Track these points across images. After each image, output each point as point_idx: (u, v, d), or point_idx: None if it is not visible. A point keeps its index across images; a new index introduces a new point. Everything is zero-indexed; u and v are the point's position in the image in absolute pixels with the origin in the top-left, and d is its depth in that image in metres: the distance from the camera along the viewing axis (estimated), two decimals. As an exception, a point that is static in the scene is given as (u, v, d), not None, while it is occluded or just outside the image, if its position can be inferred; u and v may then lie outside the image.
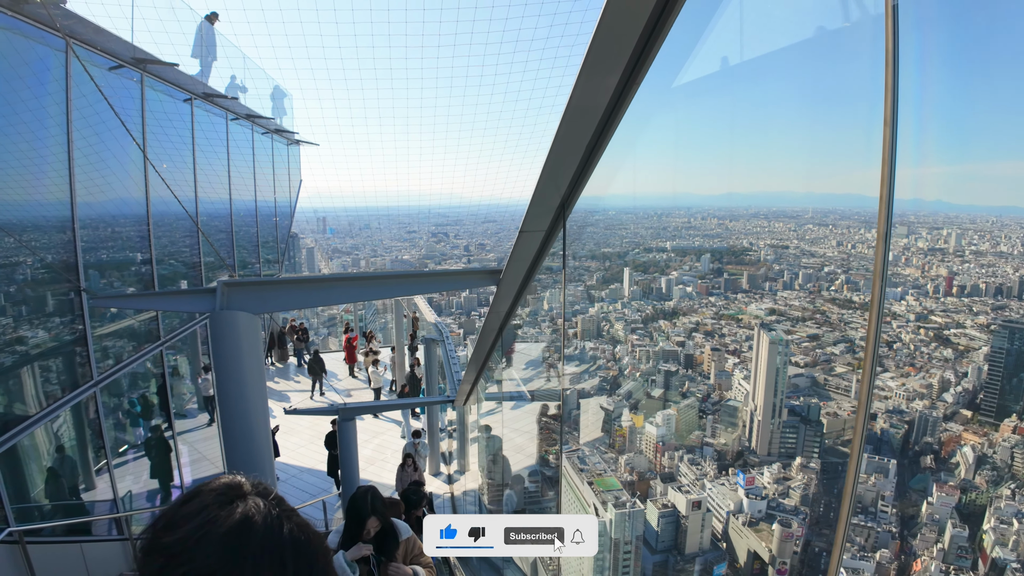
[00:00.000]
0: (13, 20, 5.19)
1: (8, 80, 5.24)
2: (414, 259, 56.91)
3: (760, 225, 11.27)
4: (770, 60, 3.63)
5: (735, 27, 3.20)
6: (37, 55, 5.67)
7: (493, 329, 5.37)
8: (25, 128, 5.60)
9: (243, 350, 4.48)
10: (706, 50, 2.96)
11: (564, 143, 2.70)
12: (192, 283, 9.54)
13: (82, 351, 6.40)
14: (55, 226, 6.19)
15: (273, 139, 14.83)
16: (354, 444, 7.58)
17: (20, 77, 5.40)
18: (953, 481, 4.76)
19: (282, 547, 0.80)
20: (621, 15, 2.04)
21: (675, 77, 2.92)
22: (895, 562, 4.92)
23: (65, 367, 6.35)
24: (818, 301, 8.20)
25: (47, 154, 5.98)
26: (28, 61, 5.52)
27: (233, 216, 11.84)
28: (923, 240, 5.66)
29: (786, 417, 7.59)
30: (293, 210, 17.26)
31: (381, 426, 13.15)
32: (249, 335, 4.60)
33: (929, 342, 5.70)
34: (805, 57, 6.87)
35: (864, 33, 3.29)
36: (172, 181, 8.25)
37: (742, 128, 14.47)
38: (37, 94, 5.66)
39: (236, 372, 4.52)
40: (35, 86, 5.66)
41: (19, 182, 5.71)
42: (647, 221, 15.79)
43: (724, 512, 7.08)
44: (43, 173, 6.02)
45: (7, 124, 5.33)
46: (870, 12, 2.25)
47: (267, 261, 14.83)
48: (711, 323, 12.24)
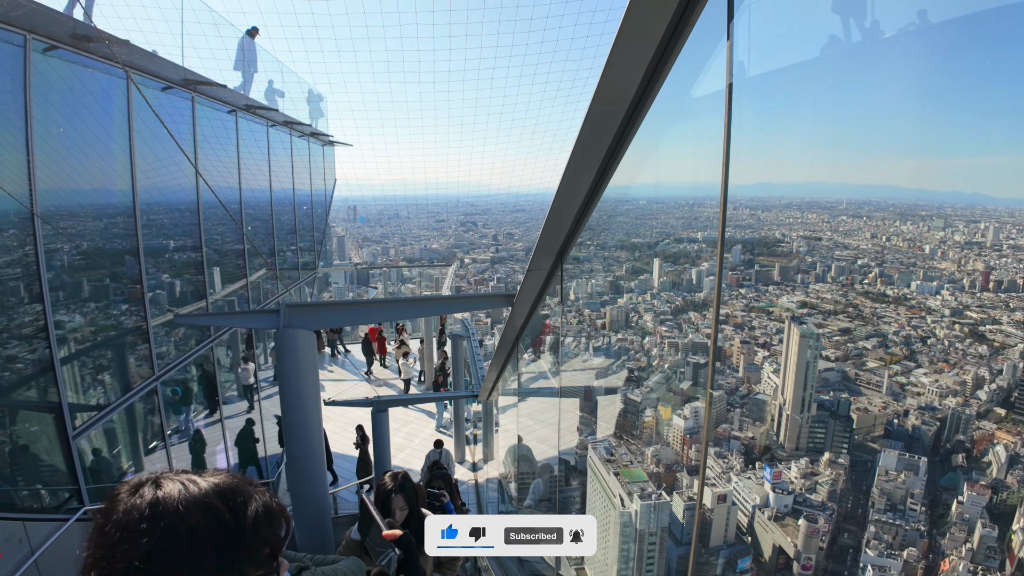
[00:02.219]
0: (80, 56, 5.94)
1: (75, 108, 6.02)
2: (442, 248, 57.39)
3: (793, 216, 11.03)
4: (806, 46, 3.58)
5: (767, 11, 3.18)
6: (101, 85, 6.52)
7: (509, 341, 6.20)
8: (94, 151, 6.47)
9: (301, 359, 5.46)
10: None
11: (593, 128, 2.72)
12: (236, 270, 10.68)
13: (145, 348, 7.38)
14: (123, 235, 7.13)
15: (309, 142, 15.47)
16: (386, 435, 7.88)
17: (86, 106, 6.24)
18: (984, 480, 4.68)
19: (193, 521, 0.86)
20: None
21: (707, 61, 2.90)
22: (922, 561, 4.88)
23: (133, 362, 7.30)
24: (851, 294, 8.03)
25: (113, 174, 6.84)
26: (93, 91, 6.41)
27: (273, 214, 12.62)
28: (960, 233, 5.50)
29: (815, 412, 7.50)
30: (328, 207, 18.00)
31: (410, 415, 13.50)
32: (307, 347, 5.53)
33: (964, 338, 5.57)
34: (842, 43, 6.68)
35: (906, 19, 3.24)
36: (219, 186, 9.46)
37: (778, 116, 14.11)
38: (102, 120, 6.51)
39: (295, 376, 5.51)
40: (100, 113, 6.53)
41: (93, 199, 6.72)
42: (678, 211, 15.59)
43: (750, 506, 7.07)
44: (111, 189, 6.91)
45: (78, 148, 6.13)
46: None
47: (303, 249, 15.51)
48: (741, 315, 12.09)
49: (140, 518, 0.84)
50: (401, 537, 1.51)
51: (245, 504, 0.91)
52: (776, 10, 3.63)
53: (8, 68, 4.91)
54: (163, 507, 0.85)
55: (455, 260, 52.32)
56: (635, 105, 2.59)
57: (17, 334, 5.36)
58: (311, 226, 16.25)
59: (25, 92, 5.06)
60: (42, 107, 5.31)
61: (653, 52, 2.20)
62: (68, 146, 5.94)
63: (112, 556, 0.82)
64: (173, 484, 0.89)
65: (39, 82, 5.25)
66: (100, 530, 0.85)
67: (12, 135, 5.05)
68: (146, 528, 0.83)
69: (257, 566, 0.91)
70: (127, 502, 0.87)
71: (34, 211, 5.26)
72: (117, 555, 0.82)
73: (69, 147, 5.96)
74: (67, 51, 5.67)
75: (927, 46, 4.13)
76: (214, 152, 9.43)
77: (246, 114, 10.64)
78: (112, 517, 0.85)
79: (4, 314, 5.24)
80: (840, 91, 5.61)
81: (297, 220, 14.71)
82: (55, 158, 5.74)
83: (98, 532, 0.86)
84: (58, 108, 5.69)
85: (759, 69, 3.44)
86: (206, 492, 0.89)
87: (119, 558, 0.82)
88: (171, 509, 0.85)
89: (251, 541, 0.90)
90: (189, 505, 0.86)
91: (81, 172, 6.30)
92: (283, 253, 13.80)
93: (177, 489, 0.88)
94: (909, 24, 3.71)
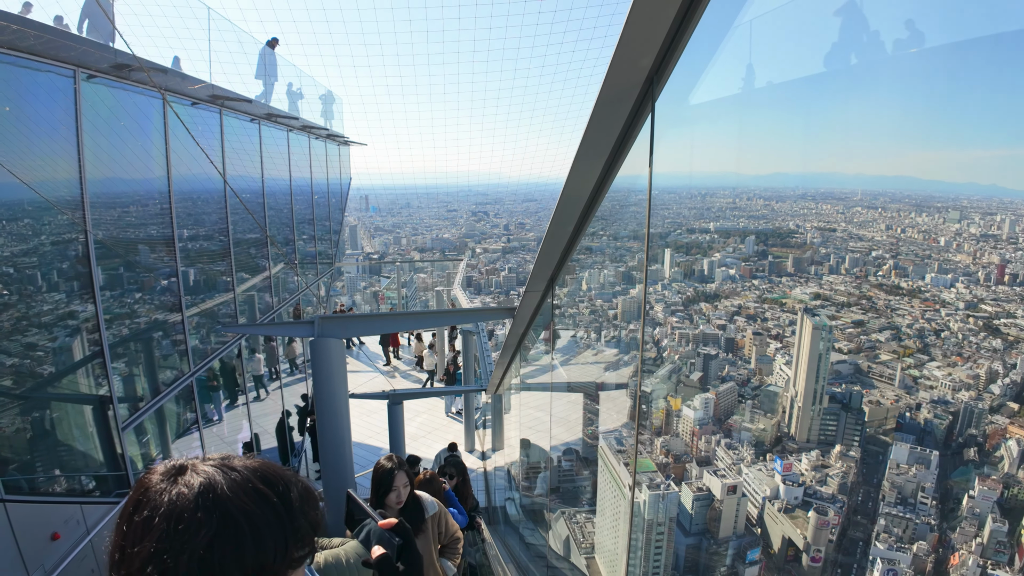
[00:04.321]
0: (120, 83, 6.63)
1: (115, 128, 6.71)
2: (454, 237, 57.46)
3: (807, 207, 10.89)
4: (826, 32, 3.51)
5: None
6: (139, 106, 7.24)
7: (512, 345, 6.88)
8: (132, 168, 7.19)
9: (333, 364, 6.62)
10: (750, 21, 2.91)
11: (604, 112, 2.69)
12: (260, 260, 11.48)
13: (183, 346, 8.12)
14: (161, 240, 7.81)
15: (326, 143, 16.12)
16: (401, 425, 8.13)
17: (125, 126, 6.98)
18: (996, 475, 4.65)
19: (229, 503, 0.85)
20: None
21: (717, 48, 2.87)
22: (932, 555, 4.88)
23: (174, 358, 8.08)
24: (864, 286, 7.94)
25: (152, 187, 7.58)
26: (132, 113, 7.12)
27: (293, 213, 13.62)
28: (975, 225, 5.42)
29: (827, 404, 7.47)
30: (344, 204, 18.74)
31: (423, 404, 13.71)
32: (337, 353, 6.71)
33: (978, 331, 5.51)
34: (864, 31, 6.55)
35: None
36: (244, 189, 10.52)
37: (793, 105, 13.88)
38: (140, 138, 7.27)
39: (328, 378, 6.60)
40: (138, 131, 7.25)
41: (136, 214, 7.41)
42: (690, 201, 15.45)
43: (760, 498, 7.09)
44: (150, 203, 7.63)
45: (118, 166, 6.82)
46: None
47: (320, 239, 16.18)
48: (754, 306, 12.00)
49: (195, 507, 0.82)
50: (397, 524, 1.49)
51: (288, 487, 0.93)
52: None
53: (61, 100, 5.64)
54: (214, 495, 0.84)
55: (467, 250, 52.40)
56: (645, 91, 2.56)
57: (77, 340, 6.04)
58: (328, 223, 16.88)
59: (76, 121, 5.76)
60: (89, 132, 5.97)
61: (664, 35, 2.17)
62: (111, 163, 6.64)
63: (171, 549, 0.80)
64: (213, 470, 0.88)
65: (87, 109, 5.90)
66: (147, 523, 0.82)
67: (67, 159, 5.73)
68: (203, 518, 0.81)
69: (301, 546, 0.93)
70: (170, 492, 0.84)
71: (87, 226, 5.88)
72: (176, 547, 0.80)
73: (112, 163, 6.66)
74: (109, 79, 6.42)
75: (946, 37, 4.05)
76: (239, 159, 10.24)
77: (267, 122, 11.43)
78: (160, 509, 0.82)
79: (68, 323, 5.91)
80: (855, 79, 5.52)
81: (315, 220, 15.31)
82: (102, 173, 6.42)
83: (143, 526, 0.82)
84: (102, 130, 6.37)
85: (772, 68, 3.42)
86: (248, 477, 0.89)
87: (181, 550, 0.80)
88: (223, 496, 0.84)
89: (299, 522, 0.92)
90: (238, 490, 0.86)
91: (123, 187, 7.10)
92: (303, 249, 14.41)
93: (221, 475, 0.87)
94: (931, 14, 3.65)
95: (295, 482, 0.96)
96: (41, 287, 5.64)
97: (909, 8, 3.84)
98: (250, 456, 0.97)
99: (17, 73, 5.12)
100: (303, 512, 0.93)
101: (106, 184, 6.51)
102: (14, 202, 5.25)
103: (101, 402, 6.20)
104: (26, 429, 5.52)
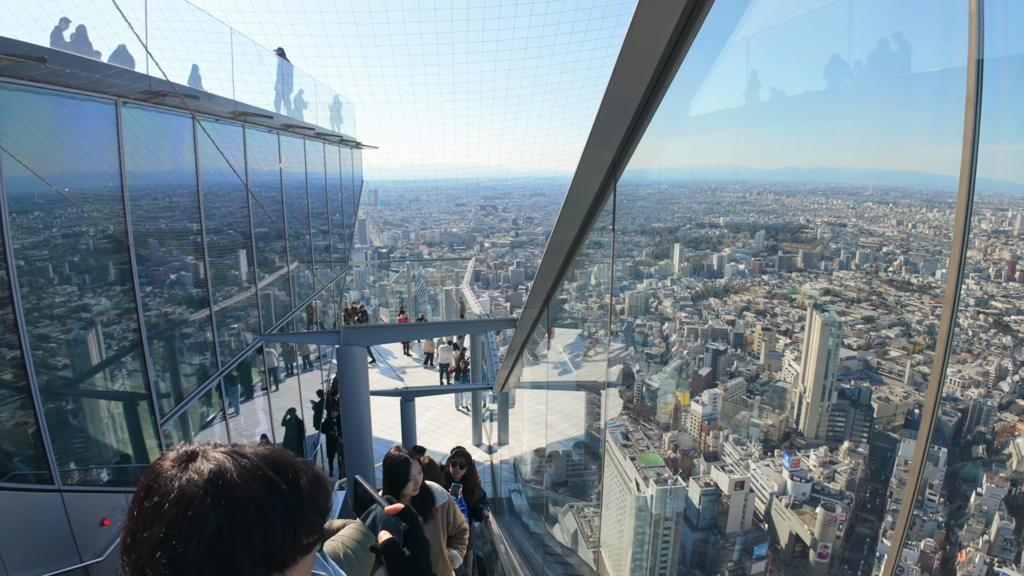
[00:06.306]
0: (155, 108, 7.20)
1: (152, 149, 7.27)
2: (462, 232, 57.47)
3: (818, 202, 10.78)
4: (838, 22, 3.47)
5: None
6: (172, 127, 7.83)
7: (515, 350, 7.39)
8: (167, 185, 7.83)
9: (357, 369, 7.66)
10: (763, 6, 2.88)
11: (611, 108, 2.73)
12: (279, 261, 12.08)
13: (211, 350, 8.72)
14: (191, 250, 8.31)
15: (340, 148, 16.58)
16: (413, 421, 8.33)
17: (160, 146, 7.56)
18: (1004, 472, 4.64)
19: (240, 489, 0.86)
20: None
21: (730, 33, 2.86)
22: (939, 552, 4.88)
23: (206, 357, 8.74)
24: (875, 282, 7.89)
25: (184, 204, 8.12)
26: (166, 134, 7.70)
27: (310, 215, 14.25)
28: (987, 221, 5.37)
29: (836, 400, 7.45)
30: (357, 204, 19.22)
31: (433, 400, 13.85)
32: (360, 361, 7.72)
33: (988, 328, 5.47)
34: (877, 21, 6.48)
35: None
36: (264, 197, 11.29)
37: (807, 97, 13.74)
38: (173, 156, 7.85)
39: (353, 382, 7.51)
40: (172, 150, 7.82)
41: (171, 229, 7.94)
42: (700, 195, 15.33)
43: (767, 493, 7.11)
44: (182, 215, 8.14)
45: (154, 184, 7.46)
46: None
47: (336, 235, 16.53)
48: (763, 302, 11.96)
49: (204, 493, 0.83)
50: (403, 510, 1.48)
51: (298, 475, 0.94)
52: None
53: (104, 128, 6.25)
54: (223, 481, 0.84)
55: (475, 244, 52.37)
56: (655, 82, 2.55)
57: (124, 344, 6.62)
58: (342, 223, 17.31)
59: (119, 146, 6.34)
60: (129, 154, 6.55)
61: (673, 28, 2.16)
62: (149, 183, 7.30)
63: (180, 535, 0.81)
64: (223, 456, 0.88)
65: (127, 133, 6.49)
66: (157, 509, 0.83)
67: (110, 180, 6.31)
68: (211, 504, 0.82)
69: (310, 533, 0.94)
70: (180, 478, 0.84)
71: (129, 241, 6.44)
72: (185, 533, 0.80)
73: (150, 183, 7.32)
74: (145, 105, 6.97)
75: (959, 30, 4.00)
76: (260, 168, 10.98)
77: (286, 133, 12.11)
78: (169, 495, 0.83)
79: (116, 329, 6.49)
80: (866, 71, 5.48)
81: (330, 221, 15.71)
82: (142, 194, 7.04)
83: (153, 511, 0.83)
84: (138, 151, 6.91)
85: (777, 60, 3.41)
86: (258, 464, 0.89)
87: (189, 536, 0.80)
88: (232, 483, 0.85)
89: (308, 509, 0.93)
90: (247, 477, 0.86)
91: (160, 205, 7.74)
92: (318, 248, 14.92)
93: (231, 462, 0.87)
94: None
95: (305, 469, 0.96)
96: (92, 300, 6.20)
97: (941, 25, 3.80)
98: (259, 444, 0.97)
99: (68, 104, 5.73)
100: (312, 499, 0.94)
101: (145, 209, 7.08)
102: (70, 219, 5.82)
103: (142, 400, 6.83)
104: (78, 425, 6.03)
